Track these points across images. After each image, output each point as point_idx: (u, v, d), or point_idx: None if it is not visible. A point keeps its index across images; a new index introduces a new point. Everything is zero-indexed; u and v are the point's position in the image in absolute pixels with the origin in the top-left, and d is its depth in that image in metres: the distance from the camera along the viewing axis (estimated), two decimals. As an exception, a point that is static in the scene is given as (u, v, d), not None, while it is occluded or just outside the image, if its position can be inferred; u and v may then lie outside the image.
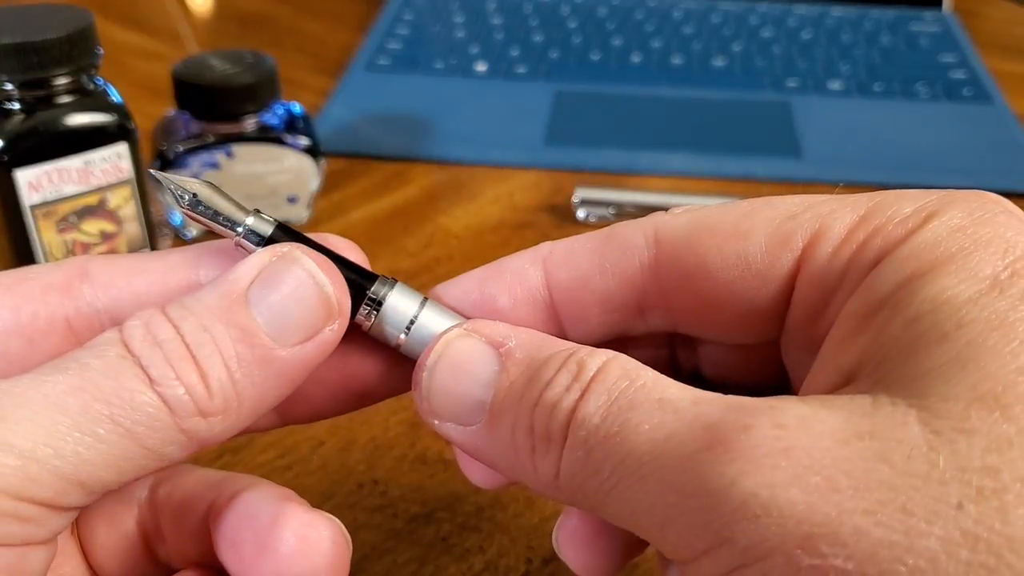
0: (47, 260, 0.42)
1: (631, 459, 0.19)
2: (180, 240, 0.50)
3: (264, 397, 0.21)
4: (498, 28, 0.74)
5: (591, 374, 0.20)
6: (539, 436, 0.20)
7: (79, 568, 0.24)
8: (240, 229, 0.23)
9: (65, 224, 0.41)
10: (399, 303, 0.23)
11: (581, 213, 0.52)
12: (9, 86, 0.39)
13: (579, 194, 0.52)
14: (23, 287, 0.23)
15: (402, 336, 0.23)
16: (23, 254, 0.41)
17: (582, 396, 0.20)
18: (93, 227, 0.42)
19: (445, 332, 0.23)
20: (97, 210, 0.42)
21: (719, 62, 0.69)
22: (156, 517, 0.24)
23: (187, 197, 0.23)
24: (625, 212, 0.51)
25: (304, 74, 0.68)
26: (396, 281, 0.23)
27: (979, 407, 0.16)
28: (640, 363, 0.20)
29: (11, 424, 0.19)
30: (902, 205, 0.21)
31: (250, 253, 0.22)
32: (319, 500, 0.35)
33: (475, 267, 0.25)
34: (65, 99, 0.40)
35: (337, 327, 0.22)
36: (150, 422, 0.19)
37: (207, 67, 0.48)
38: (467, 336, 0.22)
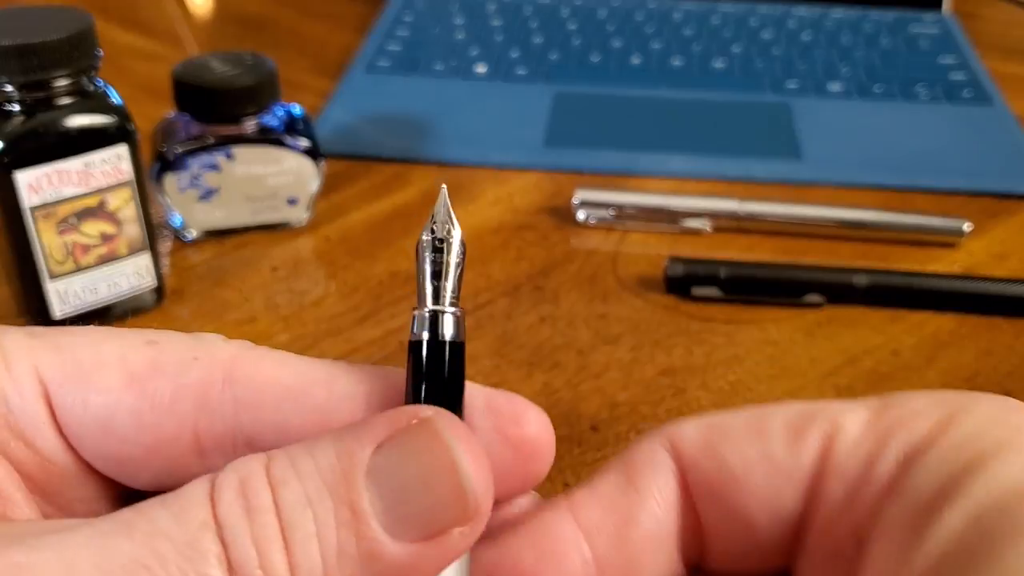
0: (47, 262, 0.41)
1: None
2: (180, 242, 0.50)
3: None
4: (498, 30, 0.74)
5: None
6: None
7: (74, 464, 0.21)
8: (434, 308, 0.20)
9: (65, 226, 0.41)
10: None
11: (581, 215, 0.52)
12: (9, 88, 0.39)
13: (579, 196, 0.52)
14: (154, 384, 0.20)
15: None
16: (23, 256, 0.41)
17: None
18: (93, 229, 0.42)
19: None
20: (97, 212, 0.42)
21: (719, 64, 0.69)
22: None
23: (457, 240, 0.20)
24: (625, 214, 0.51)
25: (304, 76, 0.68)
26: None
27: None
28: None
29: None
30: (915, 403, 0.20)
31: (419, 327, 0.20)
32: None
33: (474, 268, 0.24)
34: (65, 101, 0.40)
35: (469, 532, 0.18)
36: None
37: (207, 69, 0.48)
38: None
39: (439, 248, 0.20)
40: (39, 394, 0.20)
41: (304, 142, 0.50)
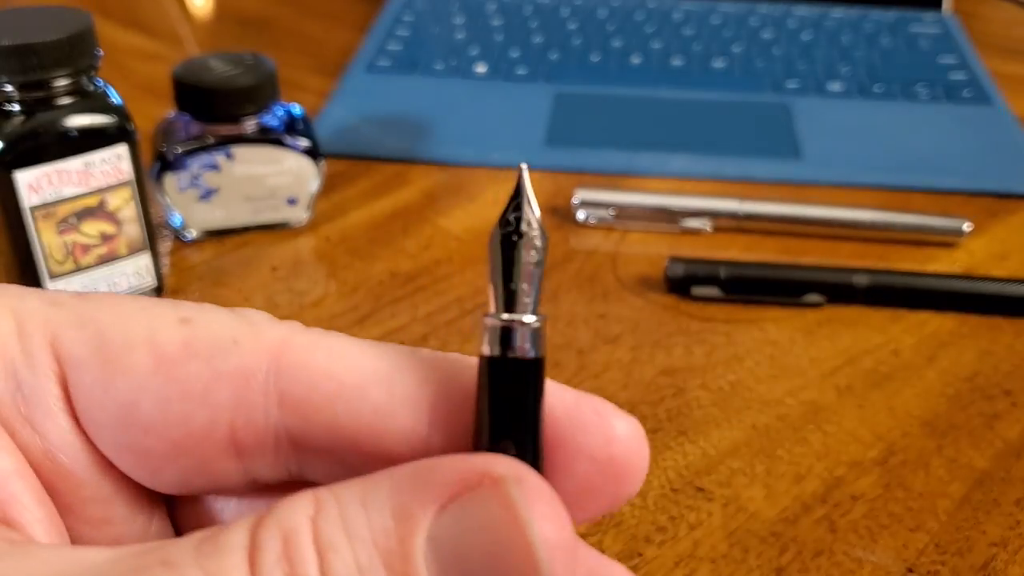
0: (47, 262, 0.41)
1: None
2: (180, 242, 0.50)
3: None
4: (498, 29, 0.74)
5: None
6: None
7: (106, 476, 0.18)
8: (507, 317, 0.17)
9: (65, 225, 0.41)
10: None
11: (581, 215, 0.52)
12: (9, 88, 0.39)
13: (579, 195, 0.52)
14: (185, 369, 0.17)
15: None
16: (23, 256, 0.41)
17: None
18: (93, 228, 0.42)
19: None
20: (97, 211, 0.42)
21: (719, 63, 0.69)
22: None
23: (539, 234, 0.17)
24: (625, 214, 0.51)
25: (304, 75, 0.68)
26: None
27: None
28: None
29: None
30: None
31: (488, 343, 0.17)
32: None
33: (475, 268, 0.22)
34: (65, 100, 0.40)
35: None
36: None
37: (207, 69, 0.48)
38: None
39: (515, 243, 0.17)
40: (53, 373, 0.18)
41: (304, 142, 0.50)
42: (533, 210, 0.17)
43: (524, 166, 0.17)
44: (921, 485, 0.37)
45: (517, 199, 0.17)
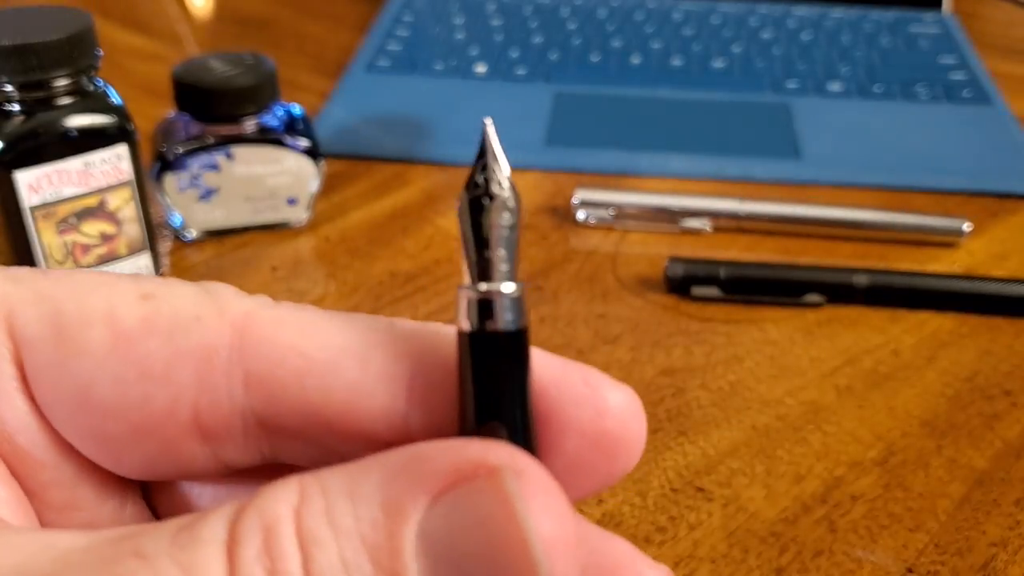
0: (47, 262, 0.41)
1: None
2: (180, 242, 0.50)
3: None
4: (498, 29, 0.74)
5: None
6: None
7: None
8: (484, 287, 0.15)
9: (65, 226, 0.41)
10: None
11: (581, 215, 0.52)
12: (9, 88, 0.39)
13: (579, 195, 0.52)
14: (144, 347, 0.16)
15: None
16: (23, 256, 0.41)
17: None
18: (93, 228, 0.42)
19: None
20: (97, 211, 0.42)
21: (719, 63, 0.69)
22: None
23: (510, 194, 0.16)
24: (625, 214, 0.51)
25: (304, 75, 0.68)
26: None
27: None
28: None
29: None
30: None
31: (466, 311, 0.15)
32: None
33: None
34: (65, 101, 0.40)
35: None
36: None
37: (207, 69, 0.48)
38: None
39: (486, 207, 0.15)
40: (8, 352, 0.17)
41: (304, 142, 0.50)
42: (503, 169, 0.16)
43: (488, 121, 0.16)
44: (921, 485, 0.37)
45: (484, 158, 0.16)
